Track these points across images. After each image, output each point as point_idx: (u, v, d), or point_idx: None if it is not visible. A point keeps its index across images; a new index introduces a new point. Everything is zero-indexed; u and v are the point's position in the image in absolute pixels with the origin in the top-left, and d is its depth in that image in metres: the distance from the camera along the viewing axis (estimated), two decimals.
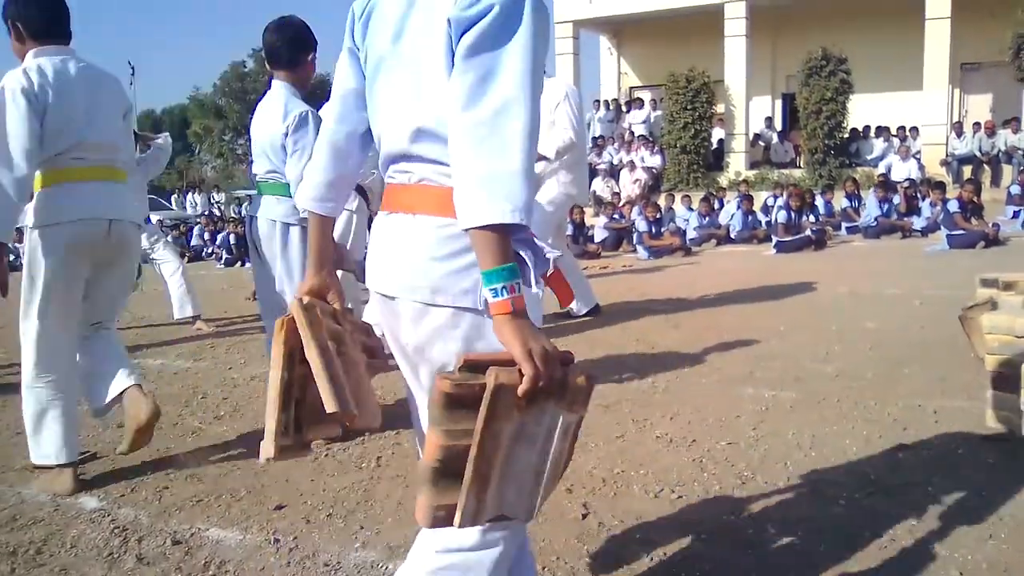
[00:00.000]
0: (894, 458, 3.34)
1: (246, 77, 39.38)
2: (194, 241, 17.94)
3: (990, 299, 4.48)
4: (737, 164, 21.56)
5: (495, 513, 1.42)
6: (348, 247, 4.69)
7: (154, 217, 19.67)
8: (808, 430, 3.71)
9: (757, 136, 22.63)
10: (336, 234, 4.05)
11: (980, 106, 21.24)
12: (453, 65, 1.45)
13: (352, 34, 1.72)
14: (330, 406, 1.61)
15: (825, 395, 4.25)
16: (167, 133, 7.80)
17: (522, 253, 1.48)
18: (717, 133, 22.01)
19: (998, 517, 2.75)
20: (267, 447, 1.71)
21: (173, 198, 29.22)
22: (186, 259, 16.21)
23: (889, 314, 6.42)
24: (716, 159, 21.81)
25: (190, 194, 28.72)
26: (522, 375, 1.36)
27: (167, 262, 7.37)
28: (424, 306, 1.54)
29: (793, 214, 12.46)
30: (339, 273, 1.89)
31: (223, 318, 8.13)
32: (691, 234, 13.85)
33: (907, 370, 4.66)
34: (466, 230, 1.41)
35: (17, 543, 2.93)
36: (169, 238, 16.48)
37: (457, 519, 1.37)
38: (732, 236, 13.99)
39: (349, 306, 1.95)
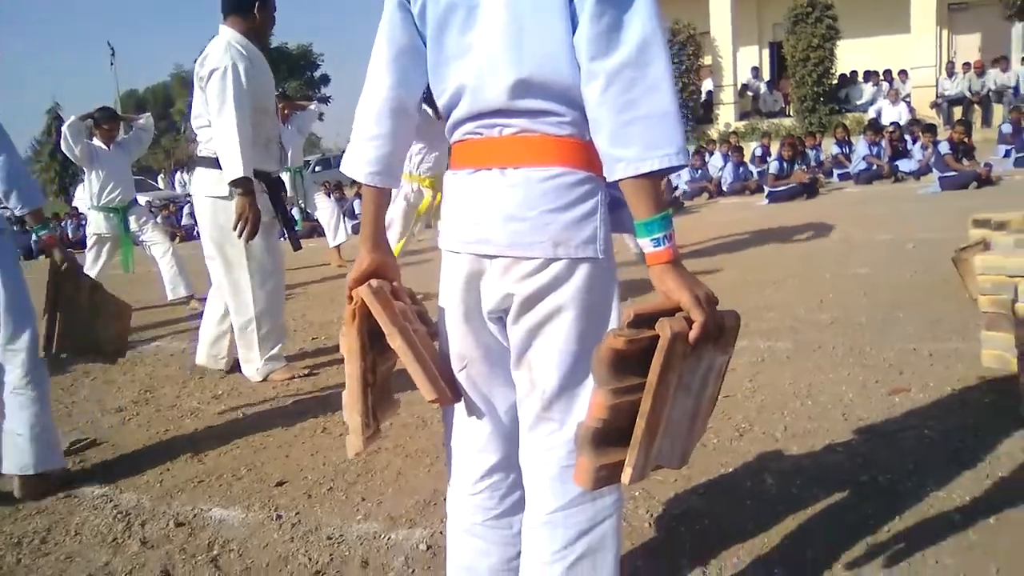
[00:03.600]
0: (890, 403, 3.35)
1: None
2: (184, 220, 17.76)
3: (983, 240, 4.47)
4: (727, 115, 21.47)
5: (654, 465, 1.41)
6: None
7: (142, 198, 19.57)
8: (804, 379, 3.72)
9: (745, 86, 22.49)
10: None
11: (969, 46, 21.11)
12: (572, 8, 1.38)
13: None
14: (429, 396, 1.56)
15: (820, 343, 4.26)
16: (148, 113, 7.73)
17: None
18: (705, 85, 21.87)
19: (995, 456, 2.76)
20: (355, 442, 1.66)
21: (160, 178, 29.04)
22: (177, 239, 16.16)
23: (882, 259, 6.41)
24: (705, 111, 21.69)
25: (178, 173, 28.51)
26: (689, 322, 1.33)
27: (156, 243, 7.33)
28: (543, 261, 1.47)
29: (785, 163, 12.40)
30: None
31: None
32: (683, 188, 13.80)
33: (901, 314, 4.66)
34: (618, 180, 1.36)
35: (22, 533, 2.94)
36: (159, 219, 16.48)
37: (627, 476, 1.33)
38: (724, 188, 13.95)
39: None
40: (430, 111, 5.26)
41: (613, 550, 1.62)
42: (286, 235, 4.79)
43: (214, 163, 4.25)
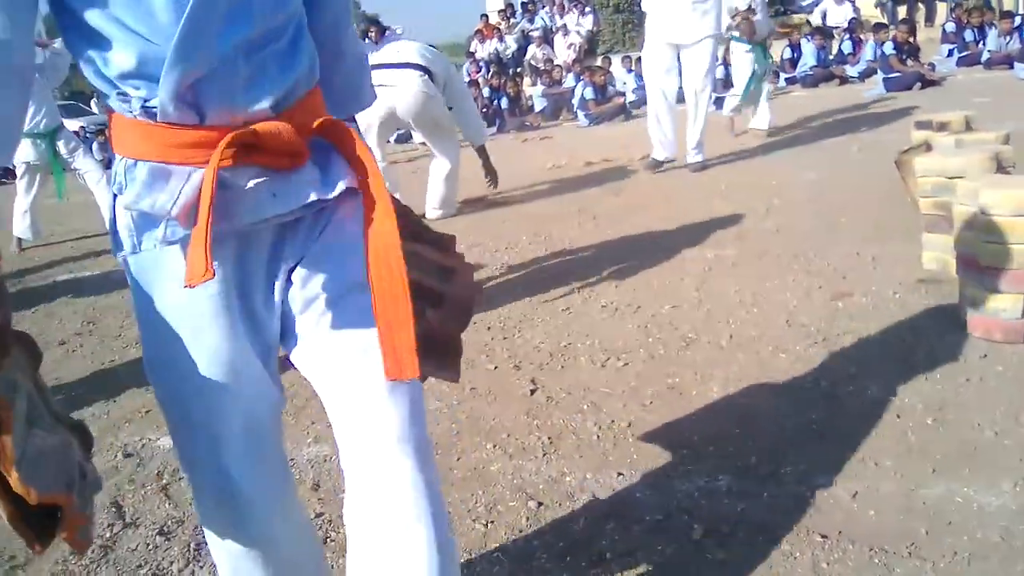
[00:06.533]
0: (833, 307, 3.39)
1: None
2: None
3: (924, 141, 4.49)
4: None
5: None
6: None
7: (75, 124, 18.84)
8: (749, 287, 3.75)
9: None
10: None
11: None
12: None
13: None
14: None
15: (766, 250, 4.28)
16: (61, 38, 7.35)
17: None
18: None
19: (933, 359, 2.82)
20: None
21: (94, 102, 27.90)
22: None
23: (828, 163, 6.43)
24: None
25: None
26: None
27: (89, 171, 7.07)
28: None
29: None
30: None
31: None
32: (630, 97, 13.63)
33: (845, 219, 4.69)
34: None
35: None
36: (95, 145, 15.94)
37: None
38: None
39: None
40: None
41: None
42: None
43: None
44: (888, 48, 11.24)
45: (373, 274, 1.19)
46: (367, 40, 12.10)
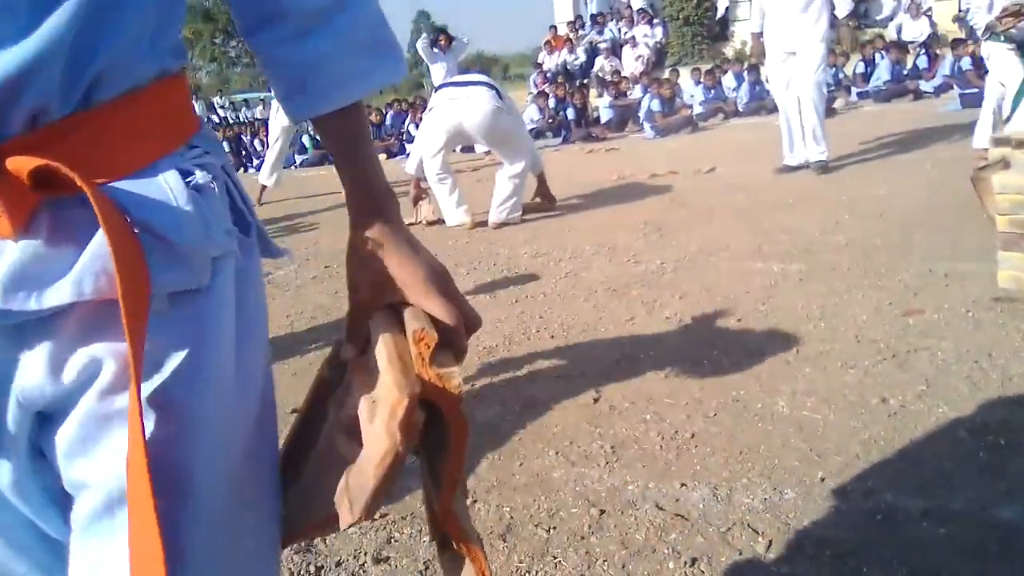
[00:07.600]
0: (903, 324, 3.33)
1: None
2: None
3: (1003, 158, 4.39)
4: (743, 33, 20.89)
5: None
6: None
7: None
8: (817, 301, 3.70)
9: None
10: None
11: None
12: None
13: None
14: None
15: (835, 265, 4.22)
16: None
17: None
18: (722, 1, 21.33)
19: (1007, 379, 2.75)
20: None
21: None
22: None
23: (900, 179, 6.32)
24: (721, 29, 21.17)
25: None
26: None
27: None
28: None
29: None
30: None
31: None
32: (697, 109, 13.56)
33: (918, 235, 4.60)
34: None
35: None
36: None
37: None
38: (740, 109, 13.71)
39: None
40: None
41: None
42: None
43: None
44: (966, 63, 10.99)
45: (129, 478, 0.65)
46: (435, 50, 12.29)
